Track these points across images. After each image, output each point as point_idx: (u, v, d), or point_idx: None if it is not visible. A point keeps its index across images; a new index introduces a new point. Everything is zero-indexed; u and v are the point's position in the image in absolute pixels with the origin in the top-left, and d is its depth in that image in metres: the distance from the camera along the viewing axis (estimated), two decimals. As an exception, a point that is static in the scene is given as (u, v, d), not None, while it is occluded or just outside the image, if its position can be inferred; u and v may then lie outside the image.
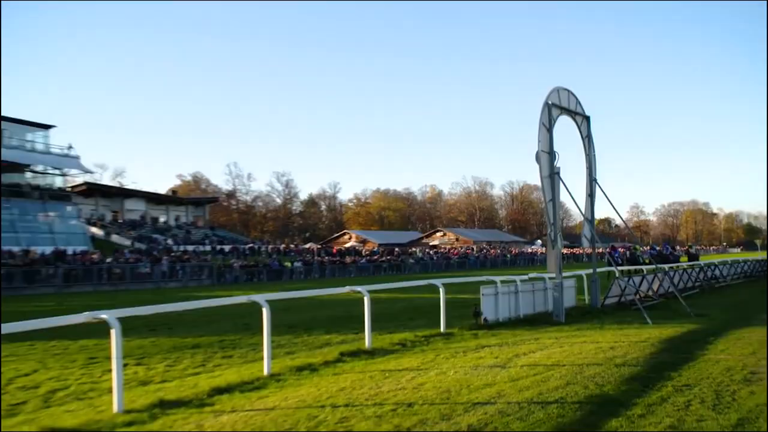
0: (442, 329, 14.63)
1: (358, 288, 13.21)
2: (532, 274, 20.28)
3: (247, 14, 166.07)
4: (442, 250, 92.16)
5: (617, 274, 21.66)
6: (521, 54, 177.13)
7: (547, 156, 18.86)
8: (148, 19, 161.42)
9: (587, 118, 21.64)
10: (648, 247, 39.17)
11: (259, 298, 10.74)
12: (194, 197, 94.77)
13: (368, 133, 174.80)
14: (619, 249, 40.85)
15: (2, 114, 59.25)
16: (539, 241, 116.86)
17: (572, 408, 7.34)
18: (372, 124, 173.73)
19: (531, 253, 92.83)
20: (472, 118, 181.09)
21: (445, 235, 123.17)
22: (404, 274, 59.44)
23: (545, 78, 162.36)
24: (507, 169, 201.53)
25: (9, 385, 9.88)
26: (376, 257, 70.39)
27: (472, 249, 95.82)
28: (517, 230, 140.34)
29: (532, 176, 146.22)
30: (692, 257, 37.00)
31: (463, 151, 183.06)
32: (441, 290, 15.19)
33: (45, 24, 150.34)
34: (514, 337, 13.60)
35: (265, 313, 10.14)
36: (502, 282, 17.41)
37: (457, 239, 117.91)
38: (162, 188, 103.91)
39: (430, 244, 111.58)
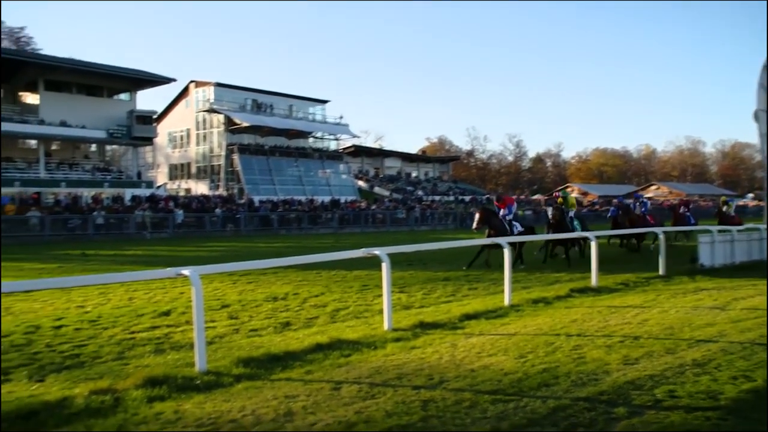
0: (660, 272, 13.69)
1: (586, 234, 12.76)
2: (748, 225, 18.55)
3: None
4: (655, 202, 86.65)
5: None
6: (734, 17, 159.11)
7: (766, 115, 17.07)
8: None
9: (808, 79, 19.21)
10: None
11: (502, 240, 10.71)
12: (440, 156, 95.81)
13: (589, 95, 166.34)
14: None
15: (291, 93, 63.78)
16: (750, 195, 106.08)
17: (796, 350, 6.63)
18: (593, 87, 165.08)
19: (742, 205, 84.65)
20: (684, 80, 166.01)
21: (659, 188, 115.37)
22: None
23: (758, 39, 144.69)
24: (717, 128, 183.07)
25: (305, 303, 10.65)
26: (596, 207, 67.79)
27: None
28: (728, 184, 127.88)
29: (744, 134, 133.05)
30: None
31: (675, 112, 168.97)
32: (661, 237, 14.32)
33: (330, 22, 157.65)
34: (731, 282, 12.44)
35: (506, 253, 10.07)
36: (719, 231, 16.06)
37: (670, 192, 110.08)
38: (414, 149, 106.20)
39: (645, 196, 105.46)
